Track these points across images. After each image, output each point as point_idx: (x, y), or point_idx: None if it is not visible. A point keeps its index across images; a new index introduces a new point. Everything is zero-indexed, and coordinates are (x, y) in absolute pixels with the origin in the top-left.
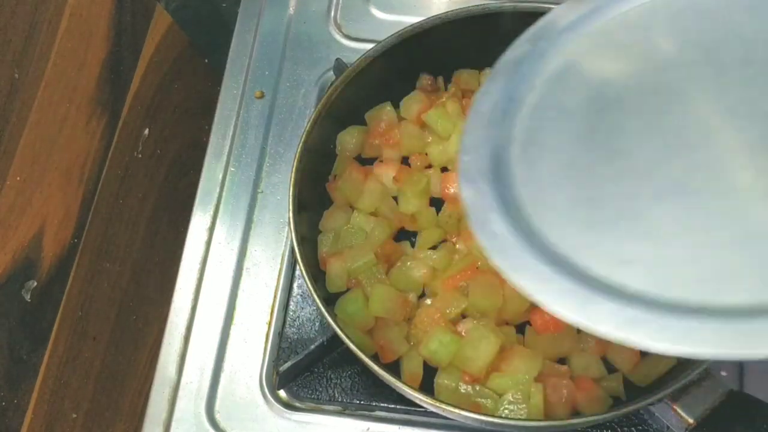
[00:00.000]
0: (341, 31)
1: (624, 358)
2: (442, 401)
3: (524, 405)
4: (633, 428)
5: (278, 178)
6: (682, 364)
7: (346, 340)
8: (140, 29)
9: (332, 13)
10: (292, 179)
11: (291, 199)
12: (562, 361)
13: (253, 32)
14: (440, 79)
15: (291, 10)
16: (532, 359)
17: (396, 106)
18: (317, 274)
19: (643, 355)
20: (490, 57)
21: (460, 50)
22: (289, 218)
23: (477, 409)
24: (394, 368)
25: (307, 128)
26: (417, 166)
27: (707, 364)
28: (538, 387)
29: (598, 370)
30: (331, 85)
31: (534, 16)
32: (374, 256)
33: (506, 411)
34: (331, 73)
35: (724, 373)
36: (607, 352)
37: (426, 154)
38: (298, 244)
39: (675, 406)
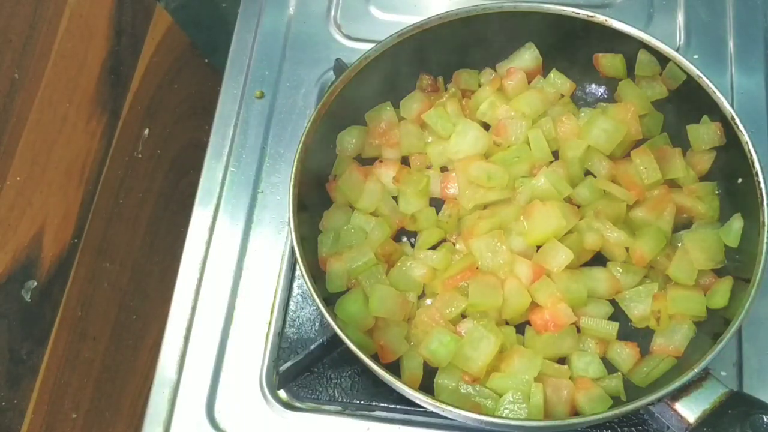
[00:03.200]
0: (341, 31)
1: (624, 359)
2: (442, 401)
3: (524, 405)
4: (633, 428)
5: (278, 178)
6: (682, 364)
7: (346, 340)
8: (140, 29)
9: (332, 13)
10: (292, 179)
11: (291, 199)
12: (562, 361)
13: (253, 32)
14: (440, 80)
15: (291, 10)
16: (532, 359)
17: (396, 107)
18: (317, 274)
19: (643, 355)
20: (489, 57)
21: (460, 50)
22: (289, 218)
23: (477, 409)
24: (393, 368)
25: (307, 128)
26: (417, 166)
27: (707, 364)
28: (538, 387)
29: (598, 370)
30: (331, 85)
31: (533, 16)
32: (374, 256)
33: (506, 411)
34: (331, 73)
35: (723, 373)
36: (607, 352)
37: (426, 154)
38: (298, 245)
39: (674, 406)
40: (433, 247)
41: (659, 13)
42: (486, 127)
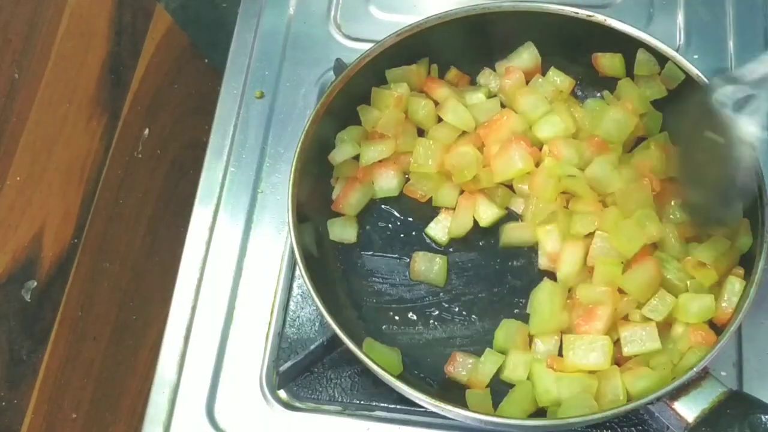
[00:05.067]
0: (341, 31)
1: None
2: (441, 401)
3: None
4: (633, 428)
5: (278, 178)
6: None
7: (346, 340)
8: (140, 29)
9: (332, 13)
10: (292, 179)
11: (290, 198)
12: None
13: (253, 32)
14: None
15: (291, 10)
16: None
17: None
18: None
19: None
20: (488, 56)
21: (459, 50)
22: (288, 219)
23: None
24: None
25: (306, 128)
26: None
27: (706, 363)
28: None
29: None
30: (330, 85)
31: (532, 15)
32: None
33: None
34: (331, 73)
35: (723, 373)
36: None
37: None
38: (298, 247)
39: (673, 406)
40: None
41: (659, 13)
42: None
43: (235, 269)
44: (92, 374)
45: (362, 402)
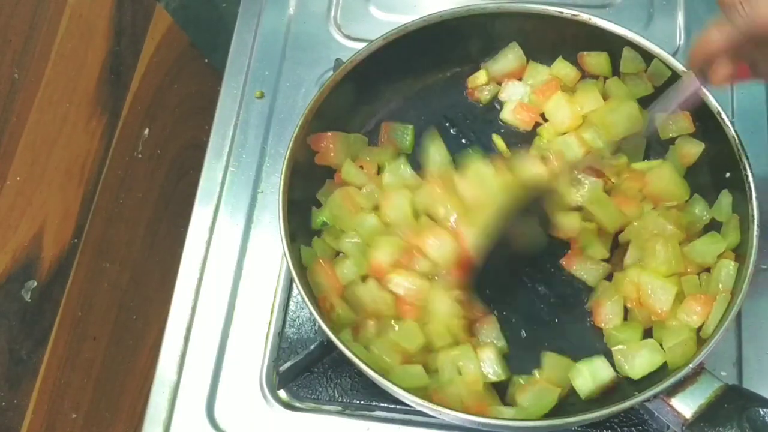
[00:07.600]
0: (341, 31)
1: None
2: (437, 403)
3: None
4: (633, 428)
5: (278, 178)
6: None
7: (341, 346)
8: (140, 29)
9: (332, 13)
10: (282, 187)
11: (281, 207)
12: None
13: (253, 32)
14: None
15: (291, 10)
16: None
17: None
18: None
19: None
20: (476, 58)
21: (446, 52)
22: (279, 218)
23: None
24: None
25: (294, 135)
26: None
27: (701, 359)
28: None
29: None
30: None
31: (517, 17)
32: None
33: None
34: (331, 72)
35: (723, 373)
36: None
37: None
38: (289, 246)
39: (670, 402)
40: None
41: (659, 13)
42: None
43: (235, 269)
44: (92, 374)
45: (362, 402)
